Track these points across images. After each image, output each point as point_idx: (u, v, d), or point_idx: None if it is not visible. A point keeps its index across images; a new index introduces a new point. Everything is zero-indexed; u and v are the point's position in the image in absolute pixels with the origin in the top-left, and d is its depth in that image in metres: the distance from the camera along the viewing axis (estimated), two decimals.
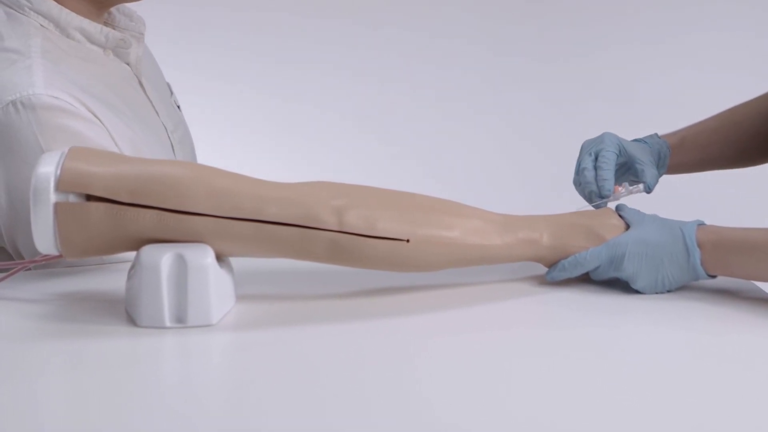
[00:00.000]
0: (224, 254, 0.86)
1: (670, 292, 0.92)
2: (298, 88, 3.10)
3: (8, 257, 1.10)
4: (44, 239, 0.81)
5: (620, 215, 0.96)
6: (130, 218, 0.81)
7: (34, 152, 1.01)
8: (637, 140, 1.16)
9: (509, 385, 0.72)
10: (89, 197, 0.81)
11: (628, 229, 0.94)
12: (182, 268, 0.81)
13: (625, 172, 1.10)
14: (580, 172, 1.06)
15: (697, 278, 0.91)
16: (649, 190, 1.08)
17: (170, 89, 1.39)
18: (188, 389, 0.73)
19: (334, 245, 0.85)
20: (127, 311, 0.85)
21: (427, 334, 0.84)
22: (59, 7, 1.14)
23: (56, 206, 0.80)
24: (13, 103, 1.03)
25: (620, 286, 0.94)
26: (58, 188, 0.80)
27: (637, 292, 0.92)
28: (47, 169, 0.80)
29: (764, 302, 0.91)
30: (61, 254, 0.83)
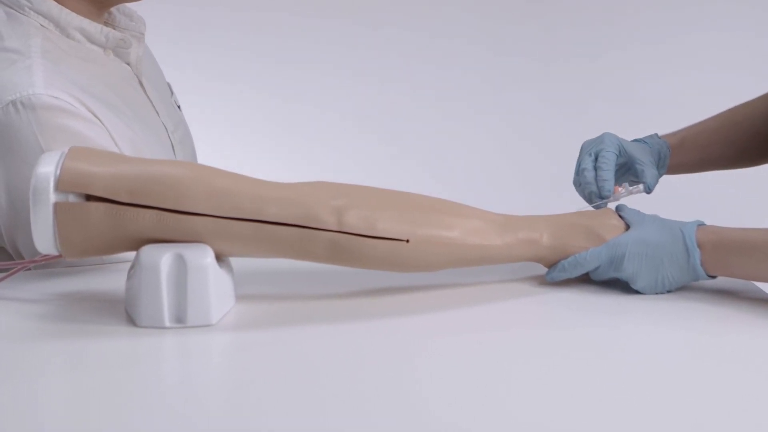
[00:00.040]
0: (224, 254, 0.86)
1: (669, 292, 0.92)
2: (298, 88, 3.10)
3: (8, 257, 1.10)
4: (44, 239, 0.81)
5: (620, 215, 0.96)
6: (129, 218, 0.81)
7: (34, 152, 1.01)
8: (637, 140, 1.16)
9: (509, 385, 0.72)
10: (89, 197, 0.81)
11: (628, 229, 0.94)
12: (182, 268, 0.81)
13: (625, 172, 1.10)
14: (579, 172, 1.06)
15: (697, 279, 0.91)
16: (649, 190, 1.08)
17: (171, 89, 1.39)
18: (188, 389, 0.73)
19: (333, 245, 0.85)
20: (126, 311, 0.85)
21: (426, 334, 0.84)
22: (59, 7, 1.14)
23: (56, 206, 0.80)
24: (13, 103, 1.03)
25: (620, 286, 0.94)
26: (57, 188, 0.80)
27: (637, 292, 0.92)
28: (47, 169, 0.80)
29: (764, 303, 0.91)
30: (60, 254, 0.83)
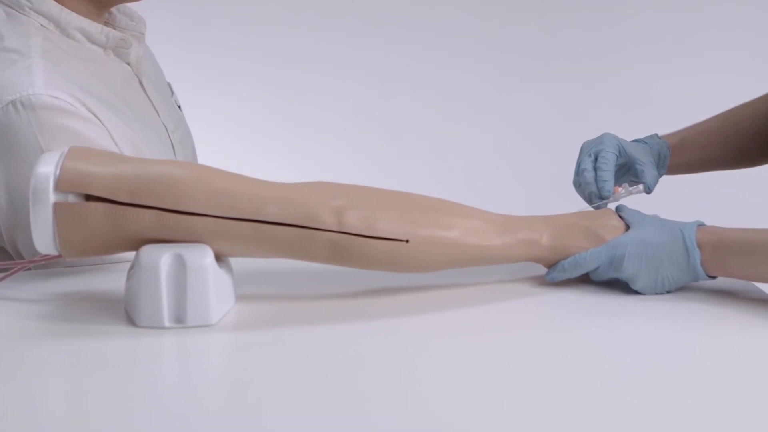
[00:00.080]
0: (223, 254, 0.86)
1: (669, 292, 0.92)
2: (299, 87, 3.10)
3: (8, 257, 1.10)
4: (43, 239, 0.81)
5: (620, 216, 0.96)
6: (129, 218, 0.81)
7: (34, 152, 1.01)
8: (637, 141, 1.16)
9: (509, 385, 0.72)
10: (88, 197, 0.81)
11: (628, 229, 0.94)
12: (181, 268, 0.81)
13: (625, 172, 1.10)
14: (579, 173, 1.06)
15: (696, 279, 0.91)
16: (649, 190, 1.08)
17: (171, 89, 1.39)
18: (187, 389, 0.73)
19: (333, 245, 0.85)
20: (126, 311, 0.85)
21: (426, 334, 0.84)
22: (59, 7, 1.14)
23: (55, 206, 0.80)
24: (13, 103, 1.03)
25: (620, 286, 0.94)
26: (57, 188, 0.80)
27: (636, 292, 0.92)
28: (46, 169, 0.80)
29: (764, 303, 0.91)
30: (60, 254, 0.83)
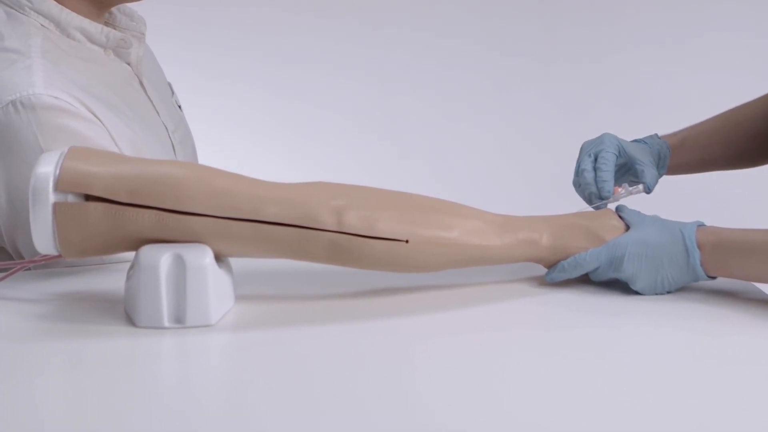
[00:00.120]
0: (223, 254, 0.86)
1: (669, 293, 0.92)
2: (299, 87, 3.10)
3: (8, 257, 1.10)
4: (43, 239, 0.81)
5: (620, 216, 0.96)
6: (129, 218, 0.81)
7: (34, 152, 1.01)
8: (637, 141, 1.16)
9: (508, 385, 0.72)
10: (88, 197, 0.81)
11: (628, 230, 0.94)
12: (181, 268, 0.81)
13: (625, 172, 1.10)
14: (579, 173, 1.06)
15: (696, 279, 0.91)
16: (648, 190, 1.07)
17: (171, 89, 1.39)
18: (187, 389, 0.73)
19: (333, 246, 0.85)
20: (126, 311, 0.85)
21: (426, 334, 0.84)
22: (59, 7, 1.14)
23: (55, 206, 0.80)
24: (12, 103, 1.03)
25: (620, 287, 0.94)
26: (57, 188, 0.80)
27: (636, 293, 0.92)
28: (46, 169, 0.80)
29: (764, 303, 0.91)
30: (60, 254, 0.83)
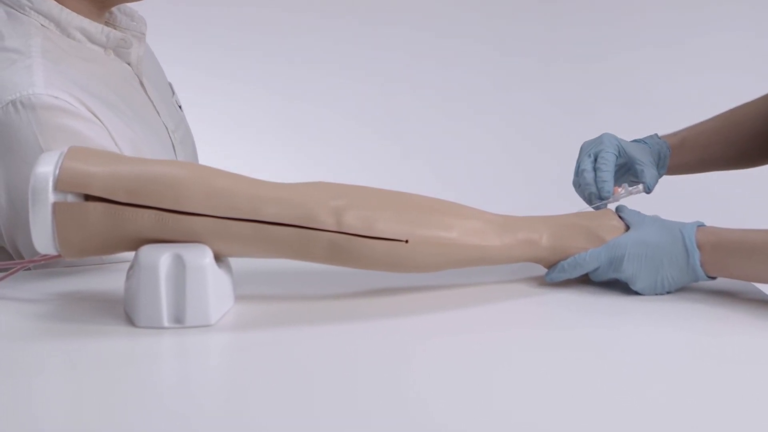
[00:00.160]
0: (223, 254, 0.86)
1: (669, 293, 0.92)
2: (300, 87, 3.10)
3: (8, 257, 1.10)
4: (43, 239, 0.81)
5: (620, 216, 0.96)
6: (128, 218, 0.81)
7: (33, 152, 1.01)
8: (636, 141, 1.16)
9: (508, 386, 0.72)
10: (88, 197, 0.81)
11: (628, 230, 0.94)
12: (180, 268, 0.81)
13: (624, 172, 1.10)
14: (579, 173, 1.06)
15: (696, 279, 0.91)
16: (648, 190, 1.07)
17: (172, 89, 1.39)
18: (186, 389, 0.73)
19: (332, 246, 0.85)
20: (125, 311, 0.85)
21: (425, 334, 0.84)
22: (60, 6, 1.14)
23: (55, 206, 0.80)
24: (12, 102, 1.03)
25: (620, 287, 0.94)
26: (56, 188, 0.80)
27: (636, 293, 0.92)
28: (46, 168, 0.80)
29: (763, 304, 0.91)
30: (59, 254, 0.83)
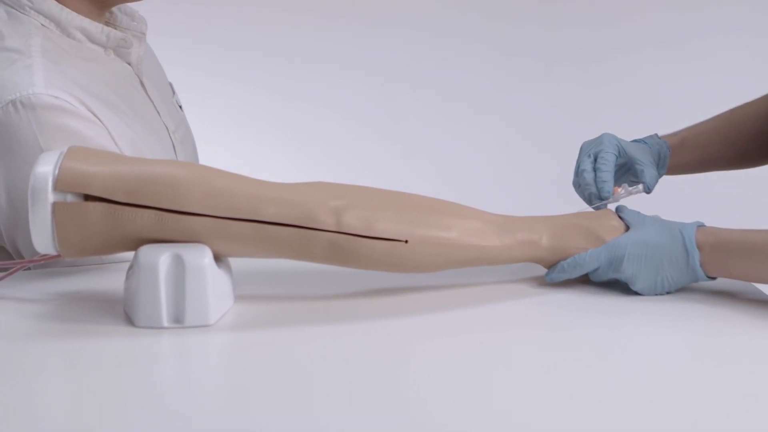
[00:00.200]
0: (222, 254, 0.86)
1: (669, 293, 0.92)
2: (301, 87, 3.10)
3: (8, 256, 1.10)
4: (42, 239, 0.81)
5: (620, 216, 0.96)
6: (127, 218, 0.81)
7: (33, 152, 1.01)
8: (636, 141, 1.16)
9: (508, 386, 0.72)
10: (87, 197, 0.81)
11: (627, 230, 0.94)
12: (180, 268, 0.81)
13: (624, 172, 1.10)
14: (579, 173, 1.06)
15: (696, 280, 0.91)
16: (648, 190, 1.07)
17: (172, 89, 1.39)
18: (186, 389, 0.73)
19: (332, 246, 0.85)
20: (125, 311, 0.85)
21: (425, 335, 0.84)
22: (60, 6, 1.14)
23: (54, 206, 0.80)
24: (12, 102, 1.03)
25: (620, 287, 0.94)
26: (56, 188, 0.80)
27: (636, 293, 0.92)
28: (45, 168, 0.80)
29: (763, 304, 0.91)
30: (59, 254, 0.83)
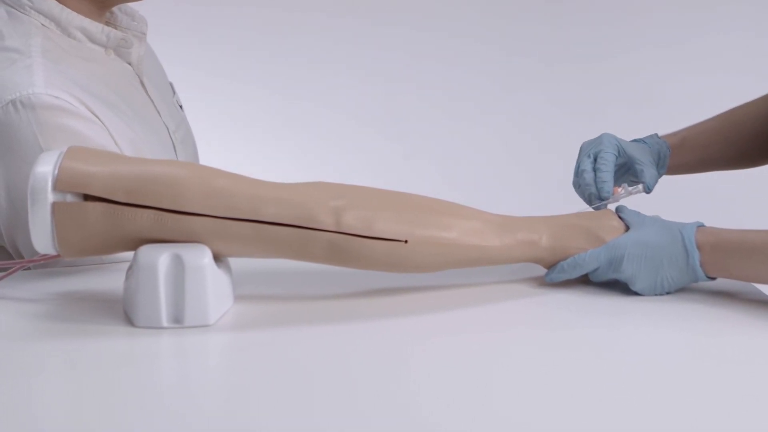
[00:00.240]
0: (222, 254, 0.86)
1: (669, 294, 0.92)
2: (302, 87, 3.10)
3: (8, 256, 1.10)
4: (42, 239, 0.81)
5: (620, 217, 0.96)
6: (127, 218, 0.81)
7: (33, 152, 1.01)
8: (636, 140, 1.16)
9: (508, 386, 0.72)
10: (87, 197, 0.81)
11: (627, 230, 0.94)
12: (179, 268, 0.81)
13: (624, 172, 1.10)
14: (579, 174, 1.06)
15: (696, 280, 0.91)
16: (648, 190, 1.07)
17: (173, 89, 1.39)
18: (185, 389, 0.73)
19: (331, 246, 0.85)
20: (124, 311, 0.85)
21: (425, 335, 0.84)
22: (60, 6, 1.14)
23: (54, 206, 0.80)
24: (12, 102, 1.03)
25: (619, 287, 0.93)
26: (55, 188, 0.80)
27: (636, 293, 0.92)
28: (45, 168, 0.80)
29: (763, 304, 0.90)
30: (59, 254, 0.83)
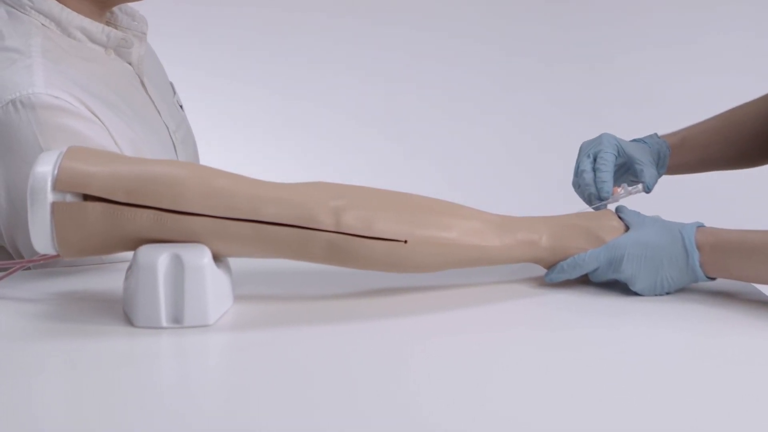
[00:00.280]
0: (222, 254, 0.86)
1: (669, 294, 0.92)
2: (302, 87, 3.10)
3: (8, 256, 1.10)
4: (41, 239, 0.81)
5: (620, 217, 0.96)
6: (127, 218, 0.81)
7: (33, 151, 1.00)
8: (636, 140, 1.16)
9: (507, 386, 0.72)
10: (86, 197, 0.81)
11: (627, 230, 0.94)
12: (179, 268, 0.81)
13: (624, 172, 1.10)
14: (578, 174, 1.06)
15: (696, 280, 0.91)
16: (648, 190, 1.07)
17: (173, 89, 1.39)
18: (185, 390, 0.73)
19: (331, 246, 0.85)
20: (124, 311, 0.85)
21: (425, 335, 0.84)
22: (60, 6, 1.14)
23: (53, 206, 0.80)
24: (12, 102, 1.03)
25: (619, 288, 0.93)
26: (55, 188, 0.80)
27: (636, 294, 0.92)
28: (44, 168, 0.80)
29: (763, 304, 0.90)
30: (58, 254, 0.83)
